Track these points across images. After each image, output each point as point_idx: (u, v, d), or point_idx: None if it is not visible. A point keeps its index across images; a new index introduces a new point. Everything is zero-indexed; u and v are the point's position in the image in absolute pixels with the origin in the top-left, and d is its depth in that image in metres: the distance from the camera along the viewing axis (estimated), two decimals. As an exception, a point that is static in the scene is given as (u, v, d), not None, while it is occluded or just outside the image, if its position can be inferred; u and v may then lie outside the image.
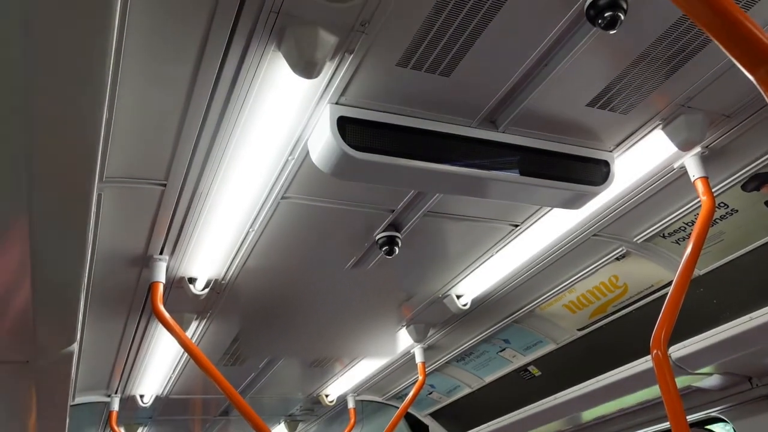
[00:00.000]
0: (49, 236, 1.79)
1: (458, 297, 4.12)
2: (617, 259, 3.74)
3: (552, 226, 3.42)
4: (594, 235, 3.52)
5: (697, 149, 2.79)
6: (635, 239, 3.57)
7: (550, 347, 4.64)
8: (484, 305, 4.28)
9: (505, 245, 3.58)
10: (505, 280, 3.96)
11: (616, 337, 4.22)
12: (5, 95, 1.39)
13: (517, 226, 3.41)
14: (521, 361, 4.92)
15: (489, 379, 5.34)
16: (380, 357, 5.14)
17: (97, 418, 6.04)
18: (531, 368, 4.92)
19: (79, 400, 5.26)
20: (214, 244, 3.25)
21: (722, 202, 3.17)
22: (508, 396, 5.18)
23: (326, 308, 4.11)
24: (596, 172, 2.78)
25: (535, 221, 3.37)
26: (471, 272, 3.86)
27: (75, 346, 2.31)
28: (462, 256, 3.70)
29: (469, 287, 4.04)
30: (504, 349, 4.91)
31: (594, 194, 2.79)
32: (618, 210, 3.28)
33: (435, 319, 4.48)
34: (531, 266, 3.81)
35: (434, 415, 6.22)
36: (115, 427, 5.25)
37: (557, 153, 2.68)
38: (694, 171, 2.83)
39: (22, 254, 1.79)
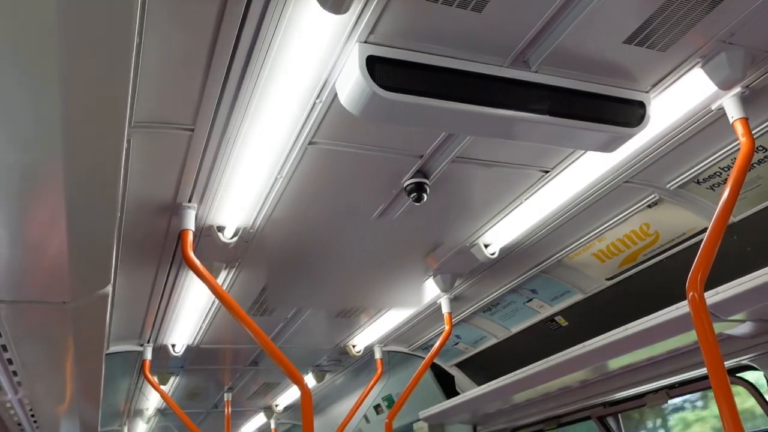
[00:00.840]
0: (82, 183, 1.80)
1: (486, 246, 4.10)
2: (649, 206, 3.68)
3: (582, 172, 3.36)
4: (626, 181, 3.45)
5: (737, 89, 2.69)
6: (668, 186, 3.49)
7: (577, 297, 4.62)
8: (511, 255, 4.26)
9: (534, 192, 3.53)
10: (533, 229, 3.92)
11: (646, 287, 4.19)
12: (34, 44, 1.38)
13: (547, 172, 3.35)
14: (548, 311, 4.92)
15: (515, 329, 5.35)
16: (406, 307, 5.17)
17: (130, 367, 6.20)
18: (558, 318, 4.91)
19: (113, 349, 5.39)
20: (242, 192, 3.25)
21: (761, 146, 3.08)
22: (534, 346, 5.19)
23: (353, 258, 4.13)
24: (631, 114, 2.71)
25: (566, 167, 3.31)
26: (499, 220, 3.83)
27: (109, 288, 2.34)
28: (490, 204, 3.67)
29: (497, 236, 4.01)
30: (531, 300, 4.90)
31: (629, 136, 2.73)
32: (652, 155, 3.21)
33: (462, 268, 4.47)
34: (560, 214, 3.77)
35: (460, 365, 6.27)
36: (149, 376, 5.37)
37: (591, 94, 2.61)
38: (733, 112, 2.74)
39: (56, 200, 1.80)
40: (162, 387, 6.06)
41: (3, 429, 4.39)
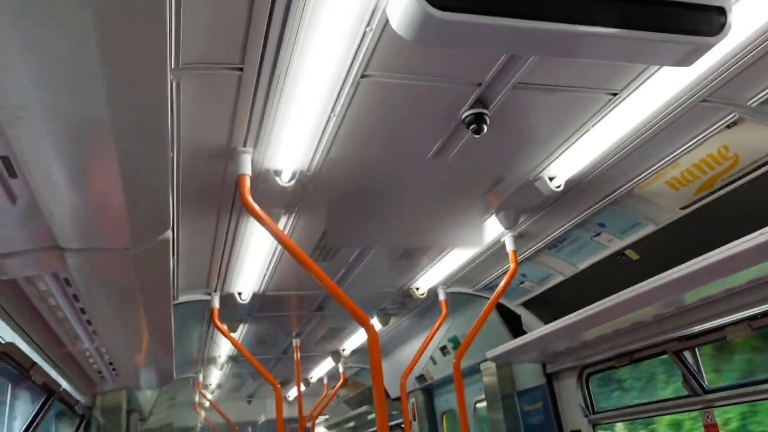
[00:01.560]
0: (130, 127, 1.75)
1: (551, 179, 3.93)
2: (727, 126, 3.41)
3: (654, 92, 3.12)
4: (702, 101, 3.20)
5: (832, -15, 2.41)
6: (749, 103, 3.22)
7: (649, 229, 4.40)
8: (578, 187, 4.07)
9: (602, 117, 3.32)
10: (601, 158, 3.72)
11: (725, 214, 3.95)
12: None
13: (616, 94, 3.13)
14: (617, 245, 4.73)
15: (583, 265, 5.19)
16: (469, 247, 5.07)
17: (200, 316, 6.37)
18: (628, 252, 4.72)
19: (182, 298, 5.52)
20: (296, 133, 3.18)
21: None
22: (603, 282, 5.02)
23: (412, 198, 4.02)
24: (710, 22, 2.45)
25: (636, 88, 3.08)
26: (565, 150, 3.64)
27: (169, 233, 2.33)
28: (554, 133, 3.48)
29: (563, 167, 3.83)
30: (599, 234, 4.71)
31: (708, 47, 2.47)
32: (731, 69, 2.94)
33: (526, 204, 4.31)
34: (630, 140, 3.54)
35: (526, 304, 6.17)
36: (218, 324, 5.49)
37: (665, 1, 2.38)
38: (826, 13, 2.47)
39: (108, 147, 1.76)
40: (232, 335, 6.20)
41: (85, 377, 4.57)
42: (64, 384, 3.93)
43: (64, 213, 2.00)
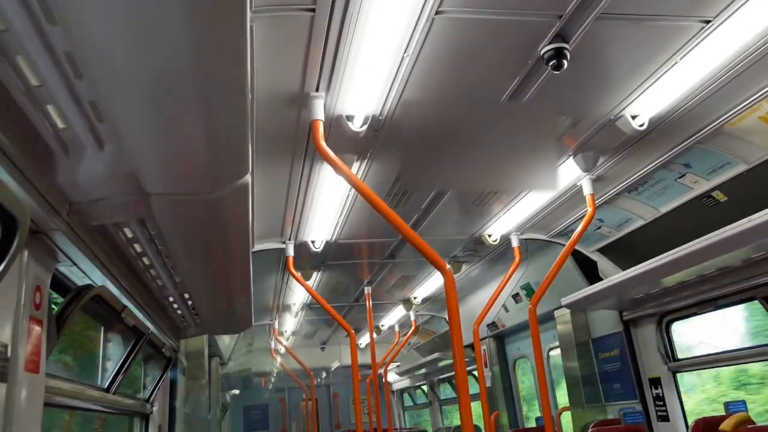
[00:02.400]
0: (211, 70, 1.74)
1: (633, 117, 3.75)
2: (831, 54, 3.14)
3: (751, 18, 2.89)
4: (805, 26, 2.95)
5: None
6: None
7: (739, 168, 4.17)
8: (662, 125, 3.87)
9: (692, 48, 3.11)
10: (689, 93, 3.51)
11: (825, 150, 3.69)
12: None
13: (708, 22, 2.92)
14: (704, 186, 4.50)
15: (665, 209, 4.99)
16: (544, 190, 4.93)
17: (275, 264, 6.52)
18: (715, 194, 4.49)
19: (258, 247, 5.64)
20: (368, 76, 3.13)
21: None
22: (686, 226, 4.81)
23: (487, 140, 3.91)
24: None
25: (731, 14, 2.86)
26: (649, 86, 3.45)
27: (248, 178, 2.34)
28: (639, 67, 3.29)
29: (647, 104, 3.64)
30: (684, 175, 4.49)
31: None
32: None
33: (605, 145, 4.14)
34: (722, 73, 3.32)
35: (603, 250, 6.01)
36: (293, 271, 5.59)
37: None
38: None
39: (190, 93, 1.76)
40: (306, 282, 6.32)
41: (170, 323, 4.76)
42: (152, 328, 4.10)
43: (148, 157, 2.03)
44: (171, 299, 4.09)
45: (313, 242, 5.72)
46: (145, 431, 4.89)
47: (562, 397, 8.02)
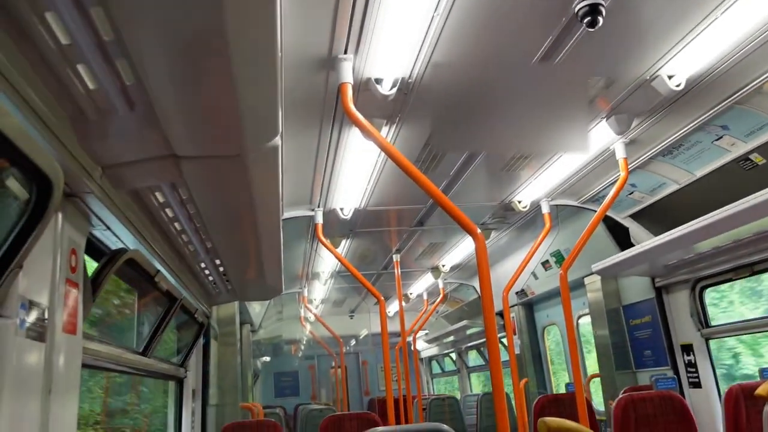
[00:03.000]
0: (242, 32, 1.72)
1: (670, 77, 3.63)
2: None
3: (798, -30, 2.77)
4: None
5: None
6: None
7: (779, 130, 4.04)
8: (700, 85, 3.76)
9: (732, 4, 2.98)
10: (728, 51, 3.38)
11: None
12: None
13: (751, -26, 2.80)
14: (741, 149, 4.37)
15: (700, 173, 4.87)
16: (576, 152, 4.84)
17: (304, 231, 6.55)
18: (754, 156, 4.36)
19: (287, 215, 5.66)
20: (397, 37, 3.07)
21: None
22: (722, 190, 4.70)
23: (518, 103, 3.83)
24: None
25: (776, -34, 2.75)
26: (687, 44, 3.33)
27: (278, 140, 2.32)
28: (677, 24, 3.18)
29: (684, 63, 3.52)
30: (721, 137, 4.37)
31: None
32: None
33: (640, 106, 4.04)
34: (763, 30, 3.18)
35: (635, 216, 5.91)
36: (322, 239, 5.61)
37: None
38: None
39: (220, 54, 1.74)
40: (335, 249, 6.34)
41: (202, 289, 4.83)
42: (185, 293, 4.15)
43: (178, 119, 2.03)
44: (203, 265, 4.14)
45: (341, 209, 5.72)
46: (180, 395, 5.00)
47: (590, 365, 8.00)
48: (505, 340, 11.49)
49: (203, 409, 5.46)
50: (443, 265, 8.90)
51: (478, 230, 3.14)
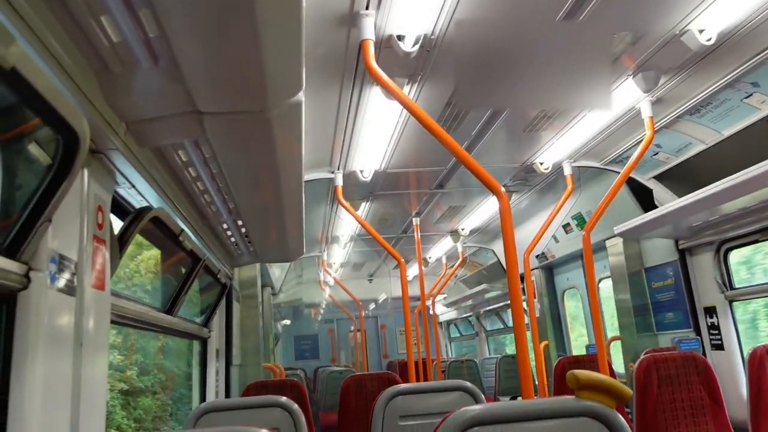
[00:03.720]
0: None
1: (700, 32, 3.53)
2: None
3: None
4: None
5: None
6: None
7: (813, 86, 3.93)
8: (731, 40, 3.65)
9: (769, -48, 2.89)
10: (763, 3, 3.27)
11: None
12: None
13: None
14: (772, 107, 4.27)
15: (728, 131, 4.76)
16: (601, 111, 4.76)
17: (324, 194, 6.56)
18: (784, 114, 4.26)
19: (307, 177, 5.65)
20: (421, -10, 3.01)
21: None
22: (750, 149, 4.60)
23: (542, 60, 3.77)
24: None
25: None
26: (720, -4, 3.24)
27: (302, 96, 2.30)
28: (710, -26, 3.08)
29: (716, 17, 3.42)
30: (751, 95, 4.26)
31: None
32: None
33: (668, 63, 3.94)
34: (801, -20, 3.09)
35: (659, 177, 5.83)
36: (342, 201, 5.60)
37: None
38: None
39: (244, 6, 1.71)
40: (355, 212, 6.34)
41: (224, 250, 4.86)
42: (207, 254, 4.18)
43: (202, 73, 2.01)
44: (225, 226, 4.16)
45: (361, 171, 5.70)
46: (205, 354, 5.08)
47: (609, 329, 8.00)
48: (525, 304, 11.56)
49: (227, 369, 5.55)
50: (462, 229, 8.88)
51: (502, 189, 3.11)
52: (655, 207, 5.73)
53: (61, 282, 1.94)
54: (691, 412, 4.12)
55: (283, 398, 2.83)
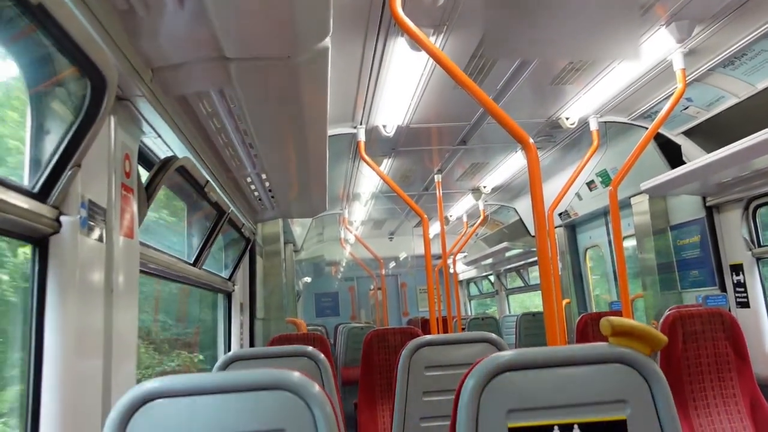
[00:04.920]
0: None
1: (739, -23, 3.40)
2: None
3: None
4: None
5: None
6: None
7: None
8: (771, -14, 3.51)
9: None
10: (807, -55, 3.14)
11: None
12: None
13: None
14: (810, 58, 4.13)
15: (762, 85, 4.61)
16: (630, 63, 4.63)
17: (346, 150, 6.52)
18: (823, 66, 4.11)
19: (329, 132, 5.60)
20: (449, -65, 2.91)
21: None
22: (786, 103, 4.49)
23: (575, 7, 3.67)
24: None
25: None
26: (762, -62, 3.10)
27: (328, 41, 2.25)
28: None
29: (756, -39, 3.29)
30: (788, 46, 4.12)
31: None
32: None
33: (703, 12, 3.81)
34: None
35: (688, 133, 5.70)
36: (365, 156, 5.56)
37: None
38: None
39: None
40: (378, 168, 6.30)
41: (248, 204, 4.87)
42: (232, 208, 4.19)
43: (228, 16, 1.97)
44: (248, 180, 4.15)
45: (384, 126, 5.64)
46: (229, 308, 5.14)
47: (631, 287, 7.96)
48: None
49: (251, 322, 5.63)
50: (484, 186, 8.81)
51: (530, 140, 3.05)
52: (683, 163, 5.62)
53: (91, 228, 1.95)
54: (716, 368, 4.10)
55: (310, 348, 2.86)
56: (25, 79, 1.80)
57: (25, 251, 1.89)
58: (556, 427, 1.54)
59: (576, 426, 1.54)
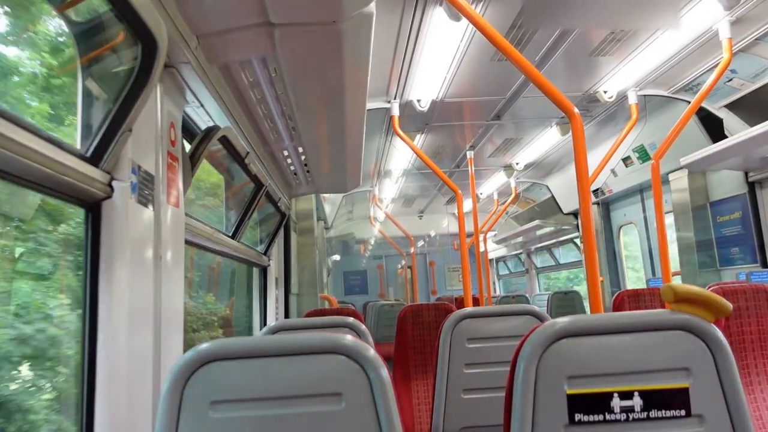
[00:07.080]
0: None
1: (794, -61, 3.27)
2: None
3: None
4: None
5: None
6: None
7: None
8: (827, -51, 3.37)
9: None
10: None
11: None
12: None
13: None
14: None
15: (813, 54, 4.47)
16: (671, 33, 4.50)
17: (379, 125, 6.47)
18: None
19: (365, 106, 5.57)
20: None
21: None
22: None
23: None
24: None
25: None
26: None
27: (373, 6, 2.22)
28: None
29: None
30: (842, 12, 3.96)
31: None
32: None
33: (754, -23, 3.68)
34: None
35: (731, 106, 5.54)
36: (398, 131, 5.51)
37: None
38: None
39: None
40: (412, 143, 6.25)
41: (283, 179, 4.87)
42: (269, 181, 4.20)
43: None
44: (285, 153, 4.15)
45: (419, 101, 5.58)
46: (265, 282, 5.17)
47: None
48: (577, 241, 11.39)
49: (286, 296, 5.66)
50: (517, 163, 8.69)
51: (575, 110, 2.98)
52: (725, 137, 5.48)
53: (142, 194, 1.96)
54: (760, 344, 4.02)
55: (351, 318, 2.86)
56: (77, 47, 1.80)
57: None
58: (615, 395, 1.51)
59: (636, 393, 1.50)
